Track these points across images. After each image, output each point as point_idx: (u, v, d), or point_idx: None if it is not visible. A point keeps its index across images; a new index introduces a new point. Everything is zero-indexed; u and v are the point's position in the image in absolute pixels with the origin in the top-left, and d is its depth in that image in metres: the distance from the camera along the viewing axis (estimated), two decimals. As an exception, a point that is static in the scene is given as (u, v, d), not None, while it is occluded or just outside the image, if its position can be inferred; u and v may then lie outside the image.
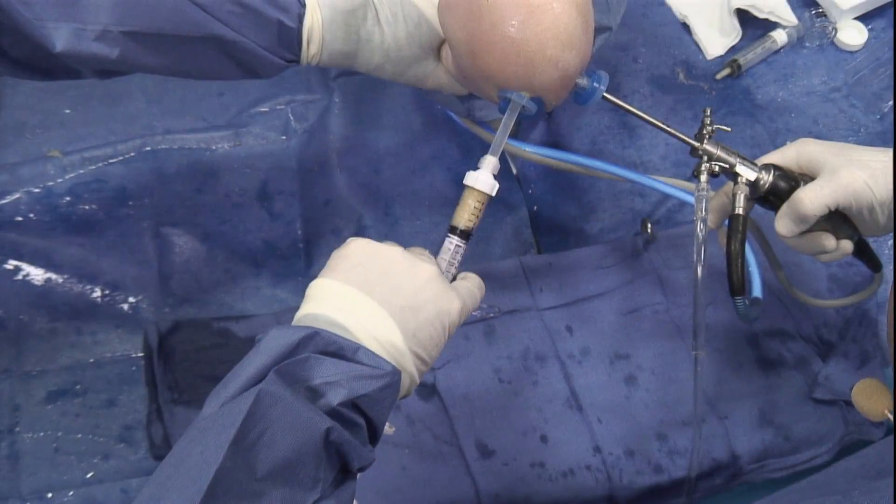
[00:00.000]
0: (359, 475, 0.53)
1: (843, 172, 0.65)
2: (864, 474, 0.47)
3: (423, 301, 0.56)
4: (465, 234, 0.63)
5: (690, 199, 0.85)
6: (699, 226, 0.70)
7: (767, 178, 0.68)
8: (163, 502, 0.43)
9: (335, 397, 0.50)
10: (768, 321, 0.87)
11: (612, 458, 0.80)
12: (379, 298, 0.55)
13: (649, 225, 0.90)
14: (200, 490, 0.42)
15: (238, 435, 0.45)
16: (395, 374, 0.52)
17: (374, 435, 0.53)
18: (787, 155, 0.69)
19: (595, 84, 0.67)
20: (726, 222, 0.71)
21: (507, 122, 0.65)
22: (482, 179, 0.63)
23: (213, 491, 0.42)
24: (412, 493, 0.77)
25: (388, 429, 0.62)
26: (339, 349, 0.52)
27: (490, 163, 0.64)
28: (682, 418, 0.82)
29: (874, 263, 0.76)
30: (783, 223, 0.68)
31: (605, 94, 0.68)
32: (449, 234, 0.63)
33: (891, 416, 0.67)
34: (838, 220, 0.68)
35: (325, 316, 0.54)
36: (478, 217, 0.64)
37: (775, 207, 0.69)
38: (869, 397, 0.69)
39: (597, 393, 0.83)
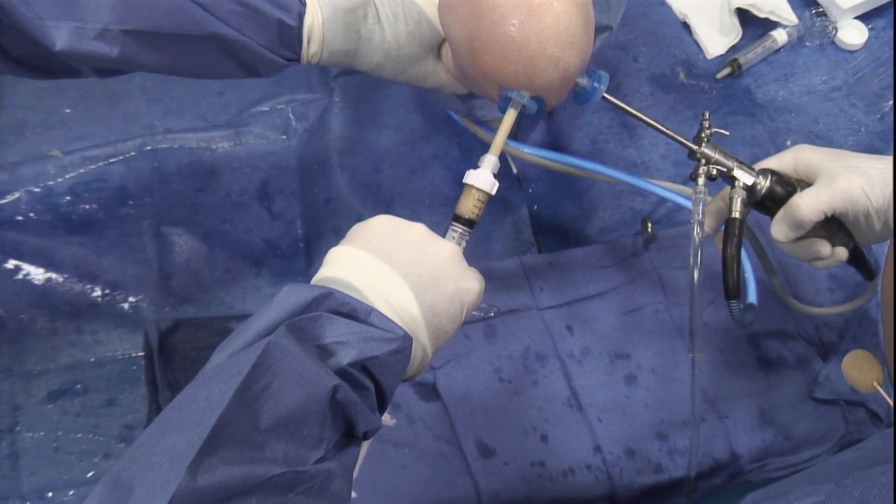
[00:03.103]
0: (356, 474, 0.52)
1: (841, 178, 0.65)
2: (860, 466, 0.47)
3: (442, 275, 0.56)
4: (469, 224, 0.63)
5: (688, 203, 0.85)
6: (696, 229, 0.70)
7: (764, 183, 0.68)
8: (164, 442, 0.42)
9: (345, 357, 0.49)
10: (768, 321, 0.87)
11: (613, 458, 0.79)
12: (397, 267, 0.55)
13: (649, 224, 0.90)
14: (203, 433, 0.42)
15: (244, 384, 0.44)
16: (407, 339, 0.52)
17: (382, 401, 0.53)
18: (785, 161, 0.69)
19: (595, 84, 0.67)
20: (723, 228, 0.71)
21: (508, 121, 0.65)
22: (482, 178, 0.63)
23: (215, 436, 0.42)
24: (412, 492, 0.77)
25: (389, 420, 0.62)
26: (353, 311, 0.51)
27: (490, 161, 0.63)
28: (682, 418, 0.82)
29: (868, 272, 0.76)
30: (779, 228, 0.68)
31: (604, 95, 0.68)
32: (453, 223, 0.63)
33: (880, 389, 0.67)
34: (834, 226, 0.68)
35: (340, 279, 0.54)
36: (479, 214, 0.64)
37: (772, 213, 0.69)
38: (859, 368, 0.69)
39: (597, 392, 0.83)
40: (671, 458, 0.80)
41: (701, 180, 0.70)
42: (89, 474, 0.77)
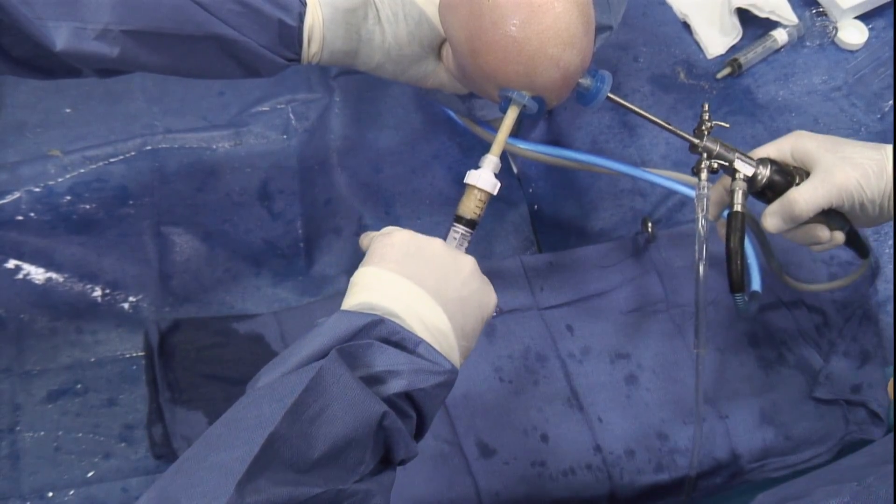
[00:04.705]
0: None
1: (837, 172, 0.66)
2: (875, 465, 0.47)
3: (467, 294, 0.56)
4: (471, 224, 0.63)
5: (688, 191, 0.85)
6: (700, 222, 0.70)
7: (765, 173, 0.69)
8: (212, 458, 0.43)
9: (394, 386, 0.50)
10: (769, 320, 0.87)
11: (613, 457, 0.79)
12: (430, 291, 0.55)
13: (650, 224, 0.90)
14: (252, 451, 0.42)
15: (296, 405, 0.45)
16: (453, 372, 0.53)
17: (420, 430, 0.54)
18: (783, 147, 0.70)
19: (599, 84, 0.67)
20: (724, 214, 0.72)
21: (508, 121, 0.65)
22: (484, 178, 0.63)
23: (264, 454, 0.42)
24: (412, 492, 0.77)
25: None
26: (402, 340, 0.52)
27: (491, 161, 0.64)
28: (682, 417, 0.82)
29: (863, 251, 0.78)
30: (772, 221, 0.69)
31: (609, 95, 0.68)
32: (455, 224, 0.63)
33: None
34: (832, 212, 0.69)
35: (382, 306, 0.54)
36: (480, 214, 0.63)
37: (770, 201, 0.70)
38: None
39: (597, 392, 0.83)
40: (672, 458, 0.80)
41: (703, 175, 0.70)
42: (89, 474, 0.77)
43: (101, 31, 0.62)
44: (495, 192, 0.63)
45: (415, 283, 0.55)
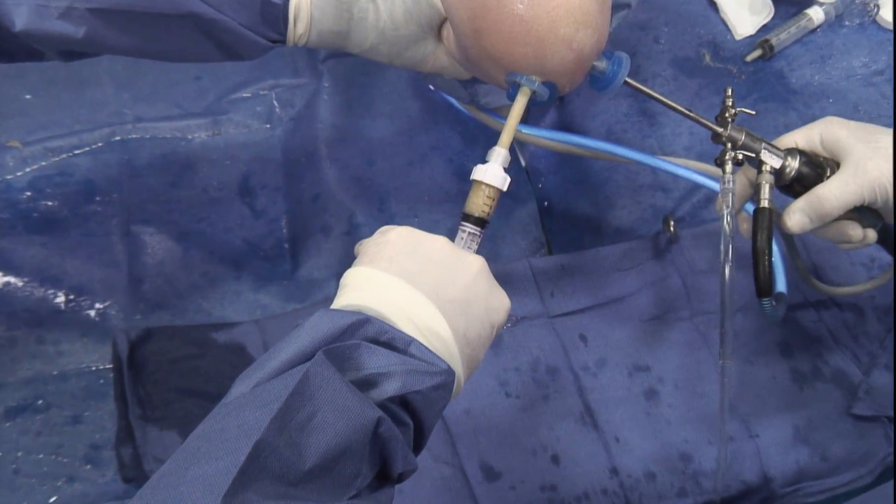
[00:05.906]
0: None
1: (870, 165, 0.66)
2: None
3: (472, 297, 0.56)
4: (480, 223, 0.63)
5: (713, 184, 0.85)
6: (726, 220, 0.69)
7: (793, 166, 0.69)
8: (192, 472, 0.42)
9: (387, 390, 0.50)
10: (802, 330, 0.87)
11: (631, 481, 0.79)
12: (427, 291, 0.55)
13: (672, 223, 0.90)
14: (237, 461, 0.42)
15: (283, 411, 0.45)
16: (450, 373, 0.53)
17: (419, 441, 0.54)
18: (812, 135, 0.70)
19: (615, 68, 0.67)
20: (746, 208, 0.71)
21: (517, 109, 0.65)
22: (492, 173, 0.63)
23: (250, 465, 0.42)
24: (410, 519, 0.77)
25: None
26: (391, 340, 0.52)
27: (500, 155, 0.63)
28: (708, 436, 0.82)
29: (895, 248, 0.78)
30: (798, 219, 0.68)
31: (626, 80, 0.68)
32: (462, 223, 0.63)
33: None
34: (863, 208, 0.69)
35: (369, 307, 0.54)
36: (489, 212, 0.63)
37: (798, 195, 0.70)
38: None
39: (614, 408, 0.83)
40: (696, 482, 0.80)
41: (728, 167, 0.70)
42: (52, 499, 0.77)
43: (66, 10, 0.62)
44: (505, 188, 0.63)
45: (408, 282, 0.55)
